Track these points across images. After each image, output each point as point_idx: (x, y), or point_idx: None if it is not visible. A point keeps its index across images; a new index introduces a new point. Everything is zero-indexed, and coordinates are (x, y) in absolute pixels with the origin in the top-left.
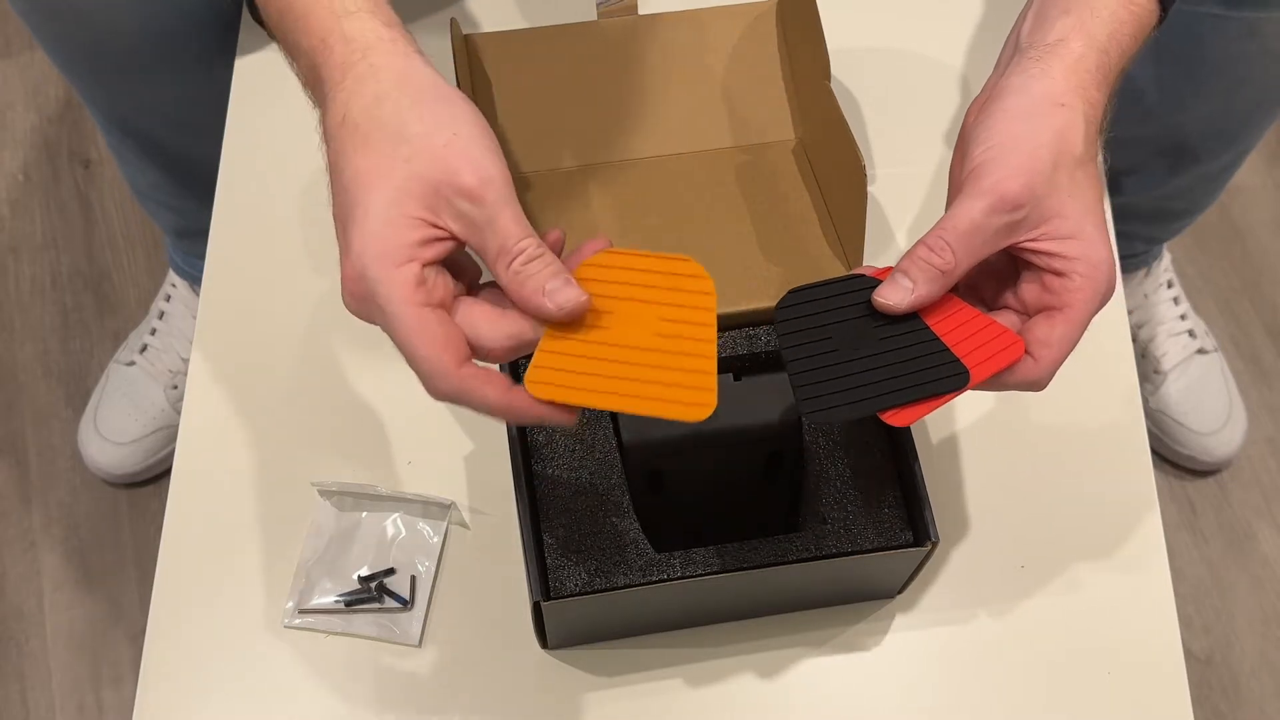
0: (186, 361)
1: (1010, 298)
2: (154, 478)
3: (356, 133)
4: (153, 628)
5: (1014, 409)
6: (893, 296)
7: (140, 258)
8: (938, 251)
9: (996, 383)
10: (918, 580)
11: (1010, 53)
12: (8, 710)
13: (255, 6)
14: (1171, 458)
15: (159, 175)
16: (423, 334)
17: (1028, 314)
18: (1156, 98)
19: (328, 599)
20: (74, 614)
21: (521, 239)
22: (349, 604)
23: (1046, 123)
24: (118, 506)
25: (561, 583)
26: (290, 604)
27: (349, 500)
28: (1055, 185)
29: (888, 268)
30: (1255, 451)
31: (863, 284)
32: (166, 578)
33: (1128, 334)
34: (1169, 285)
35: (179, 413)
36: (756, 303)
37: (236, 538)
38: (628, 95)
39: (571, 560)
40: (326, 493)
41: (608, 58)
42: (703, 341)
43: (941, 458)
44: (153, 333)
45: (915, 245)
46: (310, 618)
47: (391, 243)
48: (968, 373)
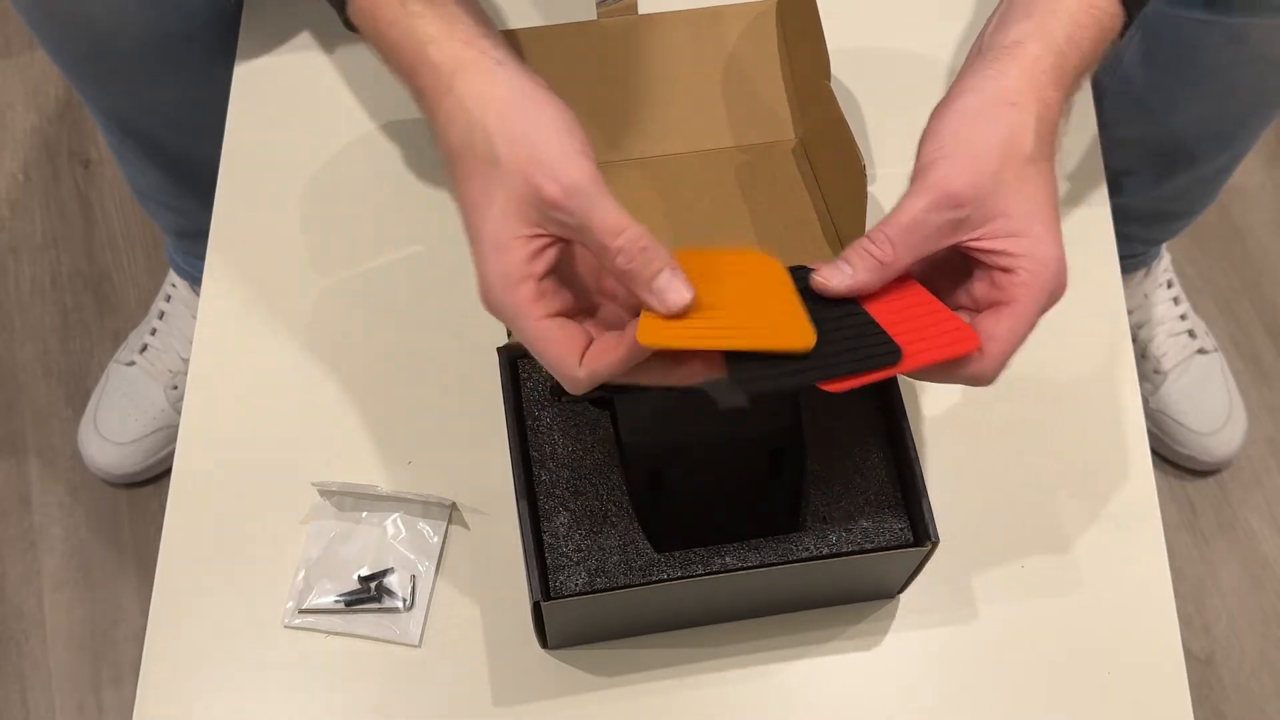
0: (186, 361)
1: (962, 296)
2: (154, 478)
3: (459, 164)
4: (153, 628)
5: (1014, 409)
6: (831, 279)
7: (140, 258)
8: (878, 244)
9: (945, 374)
10: (918, 580)
11: (975, 55)
12: (8, 710)
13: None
14: (1171, 458)
15: (160, 176)
16: (547, 343)
17: (978, 310)
18: (1151, 101)
19: (328, 599)
20: (74, 614)
21: (618, 235)
22: (349, 604)
23: (996, 122)
24: (118, 506)
25: (561, 583)
26: (290, 604)
27: (349, 500)
28: (1001, 184)
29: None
30: (1255, 451)
31: (805, 273)
32: (166, 578)
33: (1128, 334)
34: (1169, 285)
35: (179, 413)
36: None
37: (236, 538)
38: (628, 95)
39: (571, 560)
40: (326, 493)
41: (608, 58)
42: (784, 292)
43: (942, 458)
44: (153, 333)
45: (861, 237)
46: (310, 618)
47: (505, 265)
48: (899, 351)
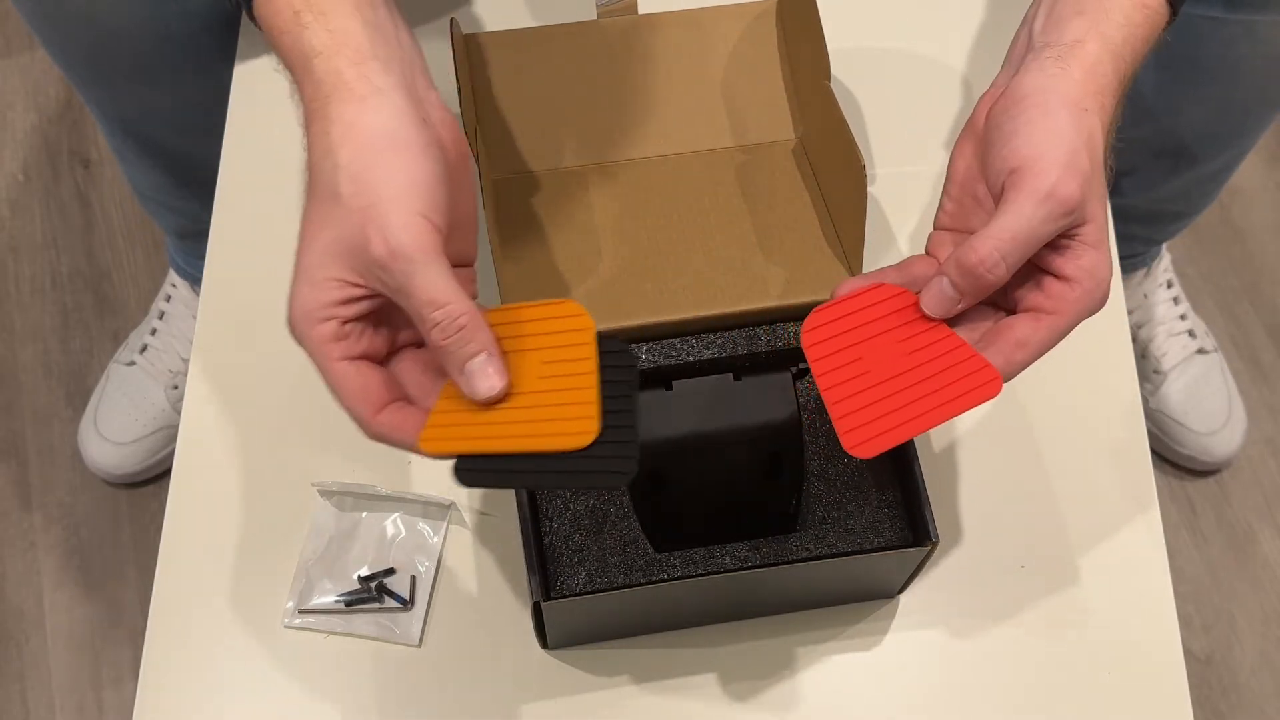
0: (186, 361)
1: (1000, 296)
2: (154, 478)
3: (310, 183)
4: (153, 628)
5: (1014, 409)
6: (938, 308)
7: (140, 258)
8: (991, 268)
9: None
10: (918, 580)
11: (1023, 49)
12: (8, 710)
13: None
14: (1171, 458)
15: (161, 176)
16: (341, 386)
17: (1009, 309)
18: (1154, 100)
19: (328, 599)
20: (74, 614)
21: (436, 309)
22: (349, 604)
23: (1080, 127)
24: (118, 506)
25: (561, 583)
26: (290, 604)
27: (349, 500)
28: (1095, 190)
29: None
30: (1255, 451)
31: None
32: (166, 578)
33: (1128, 334)
34: (1169, 285)
35: (179, 413)
36: (756, 303)
37: (236, 538)
38: (628, 95)
39: (571, 560)
40: (326, 493)
41: (608, 58)
42: (583, 375)
43: (942, 458)
44: (153, 333)
45: (964, 250)
46: (310, 618)
47: (311, 302)
48: (634, 470)
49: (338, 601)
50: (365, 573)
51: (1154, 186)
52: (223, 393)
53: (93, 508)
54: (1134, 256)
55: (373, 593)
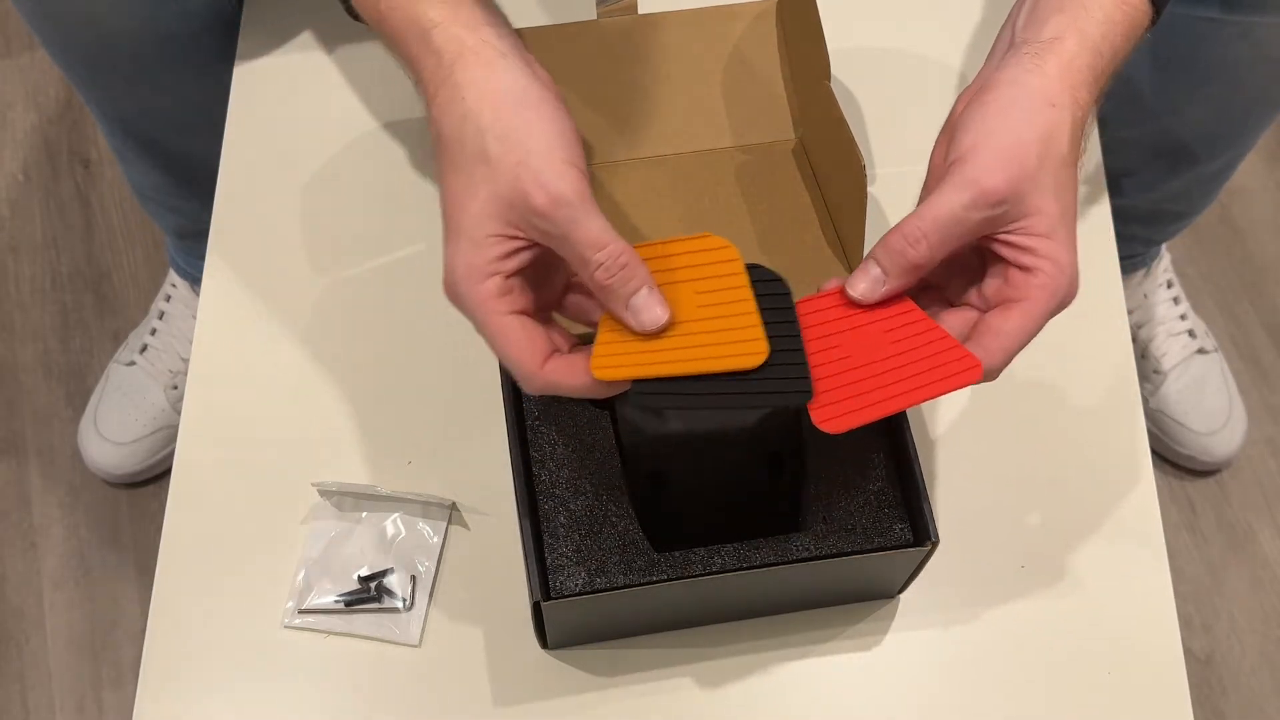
0: (186, 361)
1: (974, 295)
2: (154, 478)
3: (446, 152)
4: (153, 628)
5: (1014, 409)
6: (861, 289)
7: (140, 258)
8: (913, 244)
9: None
10: (918, 580)
11: (1005, 46)
12: (8, 711)
13: (352, 10)
14: (1171, 458)
15: (161, 177)
16: (507, 340)
17: (985, 308)
18: (1153, 100)
19: (328, 599)
20: (74, 614)
21: (599, 250)
22: (349, 604)
23: (1037, 120)
24: (118, 506)
25: (561, 583)
26: (290, 604)
27: (349, 500)
28: (1039, 183)
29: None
30: (1255, 451)
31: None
32: (166, 578)
33: (1128, 334)
34: (1169, 285)
35: (179, 413)
36: None
37: (236, 537)
38: (628, 95)
39: (571, 560)
40: (326, 493)
41: (608, 58)
42: (740, 300)
43: (941, 457)
44: (153, 333)
45: (889, 234)
46: (310, 618)
47: (476, 260)
48: (810, 392)
49: (338, 601)
50: (365, 573)
51: (1154, 186)
52: (223, 393)
53: (93, 508)
54: (1134, 256)
55: (373, 593)
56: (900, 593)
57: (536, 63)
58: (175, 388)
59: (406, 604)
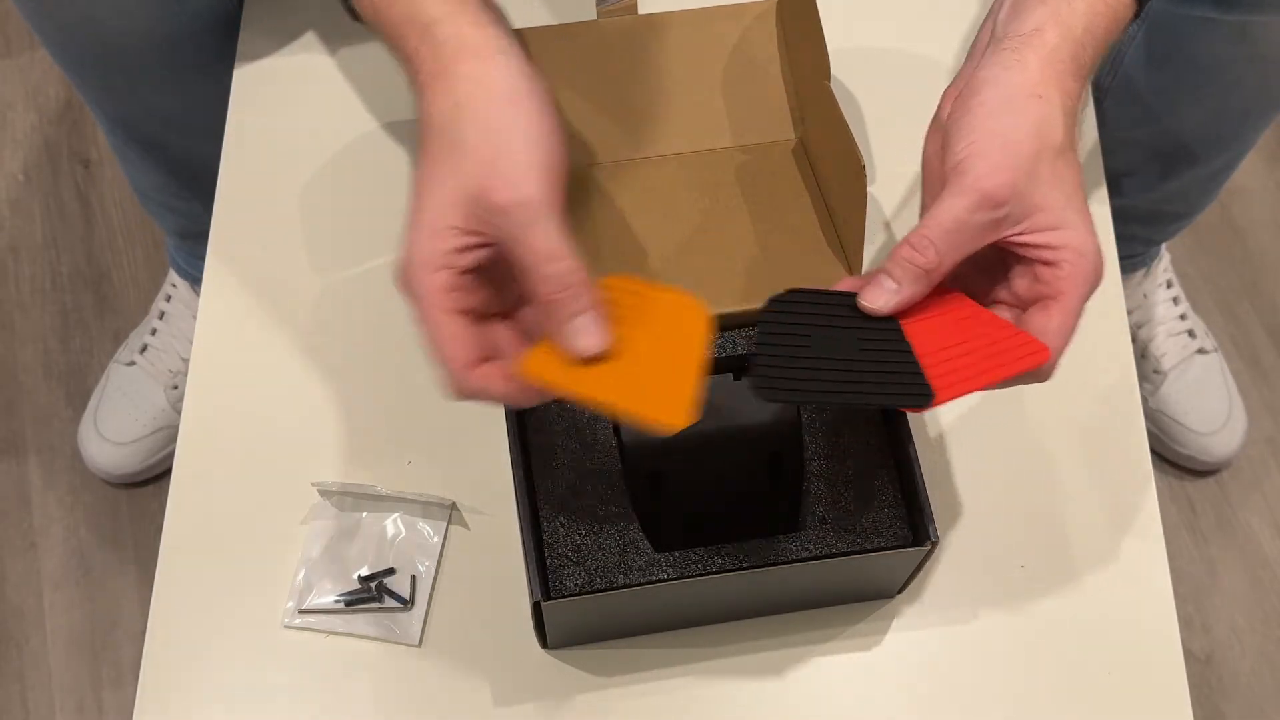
0: (186, 361)
1: (1003, 292)
2: (154, 478)
3: (428, 138)
4: (153, 628)
5: (1014, 409)
6: (877, 299)
7: (140, 258)
8: (920, 251)
9: (1007, 381)
10: (918, 580)
11: (986, 41)
12: (8, 711)
13: (353, 9)
14: (1171, 458)
15: (162, 177)
16: (442, 335)
17: (1022, 307)
18: (1152, 100)
19: (328, 599)
20: (74, 614)
21: (550, 263)
22: (349, 604)
23: (1025, 115)
24: (118, 506)
25: (561, 583)
26: (290, 604)
27: (349, 500)
28: (1037, 178)
29: None
30: (1255, 451)
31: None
32: (166, 578)
33: (1128, 334)
34: (1168, 285)
35: (179, 413)
36: (756, 303)
37: (236, 538)
38: (627, 95)
39: (571, 560)
40: (326, 493)
41: (607, 58)
42: (687, 360)
43: (941, 458)
44: (153, 333)
45: (898, 245)
46: (310, 618)
47: (430, 250)
48: (931, 394)
49: (338, 601)
50: (365, 573)
51: (1154, 186)
52: (223, 393)
53: (93, 508)
54: (1134, 256)
55: (373, 593)
56: (900, 593)
57: (534, 64)
58: (175, 388)
59: (406, 604)
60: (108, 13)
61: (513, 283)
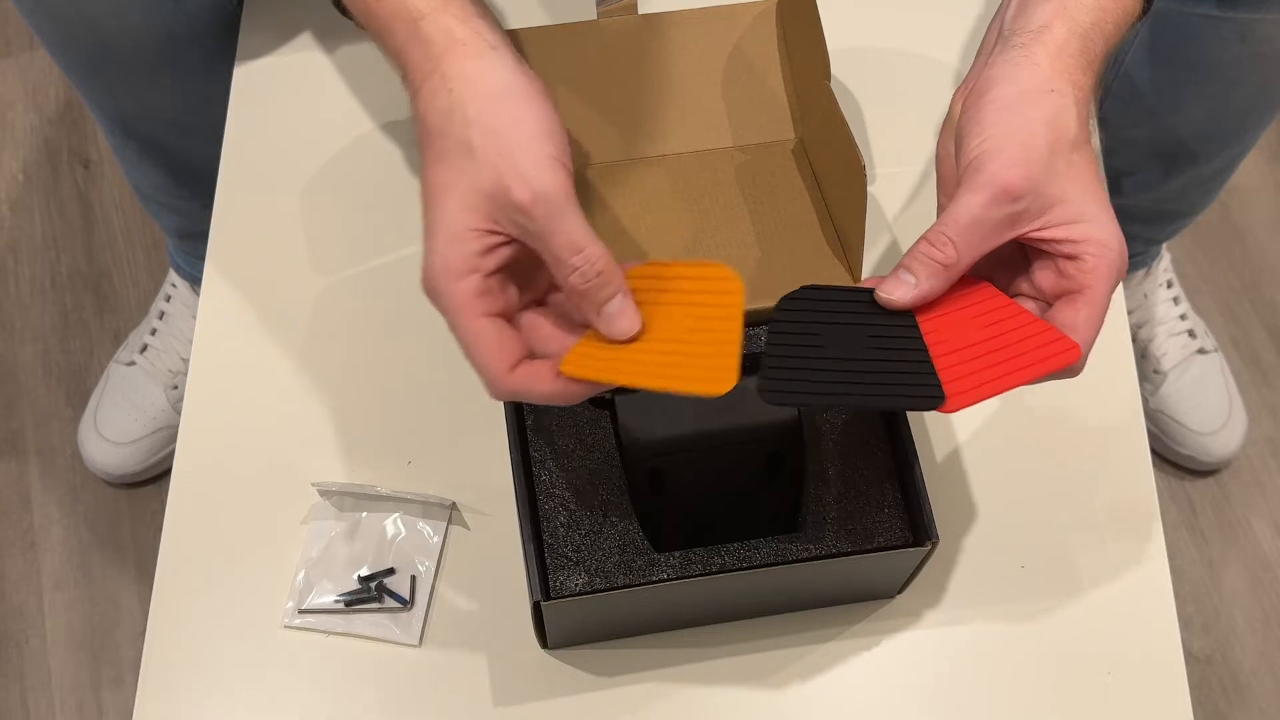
0: (186, 361)
1: (1026, 286)
2: (154, 478)
3: (432, 145)
4: (153, 628)
5: (1014, 409)
6: (895, 292)
7: (140, 258)
8: (939, 246)
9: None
10: (918, 580)
11: (994, 40)
12: (8, 711)
13: (341, 5)
14: (1171, 458)
15: (162, 177)
16: (479, 342)
17: (1047, 301)
18: (1153, 99)
19: (328, 599)
20: (74, 614)
21: (576, 253)
22: (349, 604)
23: (1039, 110)
24: (118, 506)
25: (561, 583)
26: (290, 604)
27: (349, 500)
28: (1054, 172)
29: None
30: (1255, 451)
31: (871, 295)
32: (166, 578)
33: (1128, 334)
34: (1168, 285)
35: (179, 413)
36: (756, 303)
37: (236, 537)
38: (627, 96)
39: (571, 560)
40: (326, 493)
41: (608, 58)
42: (728, 330)
43: (941, 457)
44: (153, 333)
45: (917, 241)
46: (310, 618)
47: (455, 255)
48: (943, 396)
49: (338, 601)
50: (365, 573)
51: (1154, 186)
52: (223, 393)
53: (93, 508)
54: (1134, 256)
55: (373, 593)
56: (900, 593)
57: (522, 60)
58: (175, 388)
59: (406, 604)
60: (107, 12)
61: (539, 271)
